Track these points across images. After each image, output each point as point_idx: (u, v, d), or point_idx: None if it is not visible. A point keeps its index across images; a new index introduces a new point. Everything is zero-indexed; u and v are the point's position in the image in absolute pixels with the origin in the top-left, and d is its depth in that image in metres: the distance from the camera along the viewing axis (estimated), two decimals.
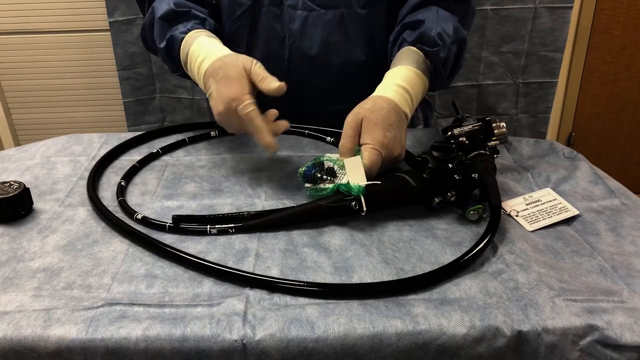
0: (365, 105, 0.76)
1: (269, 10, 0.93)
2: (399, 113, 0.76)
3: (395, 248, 0.65)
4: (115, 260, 0.64)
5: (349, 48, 0.94)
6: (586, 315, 0.54)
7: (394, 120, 0.74)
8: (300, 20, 0.92)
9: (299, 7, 0.92)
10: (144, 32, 0.94)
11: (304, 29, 0.93)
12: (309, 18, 0.92)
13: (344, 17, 0.92)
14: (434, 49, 0.81)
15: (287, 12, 0.92)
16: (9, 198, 0.70)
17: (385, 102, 0.76)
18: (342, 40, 0.94)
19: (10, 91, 1.77)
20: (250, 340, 0.52)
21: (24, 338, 0.53)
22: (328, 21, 0.92)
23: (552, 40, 1.52)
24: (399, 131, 0.74)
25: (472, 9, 0.91)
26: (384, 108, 0.75)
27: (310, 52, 0.94)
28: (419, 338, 0.52)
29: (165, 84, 1.62)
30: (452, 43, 0.83)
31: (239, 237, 0.68)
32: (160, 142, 0.93)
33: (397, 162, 0.76)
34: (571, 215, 0.71)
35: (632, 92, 2.02)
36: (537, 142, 0.92)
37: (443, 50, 0.82)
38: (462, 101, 1.60)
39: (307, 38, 0.93)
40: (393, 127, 0.73)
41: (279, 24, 0.93)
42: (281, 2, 0.92)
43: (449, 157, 0.70)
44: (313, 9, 0.92)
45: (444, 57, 0.82)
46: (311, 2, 0.91)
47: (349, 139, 0.74)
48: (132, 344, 0.52)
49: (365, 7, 0.92)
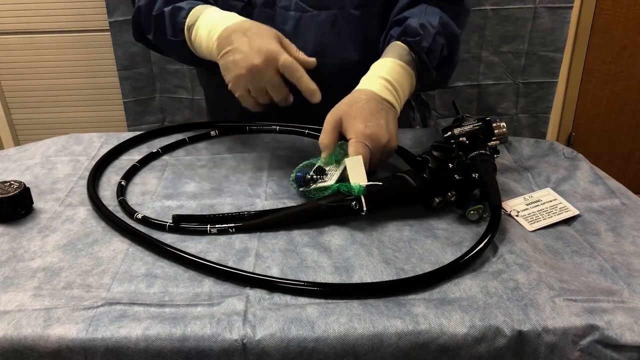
0: (344, 101, 0.77)
1: (261, 11, 0.92)
2: (379, 102, 0.76)
3: (396, 248, 0.65)
4: (115, 259, 0.64)
5: (343, 49, 0.94)
6: (586, 315, 0.54)
7: (375, 109, 0.74)
8: (293, 21, 0.92)
9: (291, 9, 0.91)
10: (137, 13, 0.92)
11: (297, 31, 0.92)
12: (302, 19, 0.91)
13: (338, 18, 0.91)
14: (416, 39, 0.82)
15: (280, 13, 0.92)
16: (9, 198, 0.70)
17: (364, 93, 0.76)
18: (335, 42, 0.93)
19: (10, 91, 1.77)
20: (251, 340, 0.52)
21: (24, 338, 0.53)
22: (321, 22, 0.91)
23: (552, 40, 1.52)
24: (382, 119, 0.74)
25: (465, 8, 0.91)
26: (361, 100, 0.75)
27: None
28: (419, 338, 0.52)
29: (165, 84, 1.62)
30: (437, 34, 0.83)
31: (239, 237, 0.68)
32: (160, 142, 0.93)
33: (390, 150, 0.76)
34: (571, 215, 0.71)
35: (632, 92, 2.02)
36: (537, 142, 0.92)
37: (426, 40, 0.81)
38: (462, 101, 1.60)
39: (300, 39, 0.92)
40: (374, 116, 0.73)
41: (272, 26, 0.92)
42: (274, 4, 0.92)
43: (449, 157, 0.70)
44: (306, 10, 0.91)
45: (427, 46, 0.81)
46: (304, 4, 0.91)
47: (327, 135, 0.75)
48: (132, 344, 0.52)
49: (358, 8, 0.91)
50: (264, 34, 0.77)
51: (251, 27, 0.79)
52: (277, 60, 0.75)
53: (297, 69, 0.75)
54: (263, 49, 0.75)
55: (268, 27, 0.80)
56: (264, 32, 0.78)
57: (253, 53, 0.75)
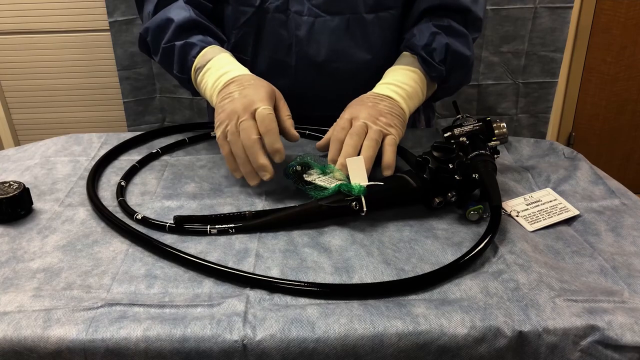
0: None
1: (274, 17, 0.92)
2: (366, 96, 0.83)
3: (396, 248, 0.65)
4: (115, 260, 0.64)
5: (356, 53, 0.94)
6: (587, 315, 0.54)
7: (366, 99, 0.82)
8: (307, 26, 0.92)
9: (304, 13, 0.91)
10: (145, 32, 0.91)
11: (310, 35, 0.92)
12: (315, 24, 0.91)
13: (350, 23, 0.92)
14: (411, 40, 0.88)
15: (293, 18, 0.92)
16: (9, 198, 0.70)
17: (352, 102, 0.84)
18: (349, 46, 0.93)
19: (10, 91, 1.77)
20: (251, 341, 0.52)
21: (24, 338, 0.53)
22: (334, 27, 0.92)
23: (552, 40, 1.52)
24: (373, 108, 0.80)
25: (473, 15, 0.91)
26: (358, 98, 0.84)
27: (317, 59, 0.93)
28: (419, 338, 0.52)
29: (165, 84, 1.62)
30: (435, 34, 0.86)
31: (239, 238, 0.68)
32: (160, 142, 0.93)
33: (382, 130, 0.77)
34: (571, 216, 0.71)
35: (632, 92, 2.02)
36: (537, 142, 0.92)
37: (420, 38, 0.86)
38: (462, 101, 1.60)
39: (313, 44, 0.93)
40: (364, 103, 0.81)
41: (285, 31, 0.93)
42: (287, 9, 0.92)
43: (450, 158, 0.70)
44: (319, 15, 0.91)
45: (422, 44, 0.86)
46: (317, 8, 0.91)
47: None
48: (132, 345, 0.52)
49: (371, 13, 0.92)
50: (258, 87, 0.77)
51: (252, 79, 0.79)
52: (255, 108, 0.73)
53: (269, 123, 0.72)
54: (248, 97, 0.74)
55: (268, 83, 0.79)
56: (260, 85, 0.77)
57: (239, 99, 0.75)
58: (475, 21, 0.92)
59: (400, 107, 0.82)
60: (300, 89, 0.96)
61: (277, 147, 0.72)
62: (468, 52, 0.89)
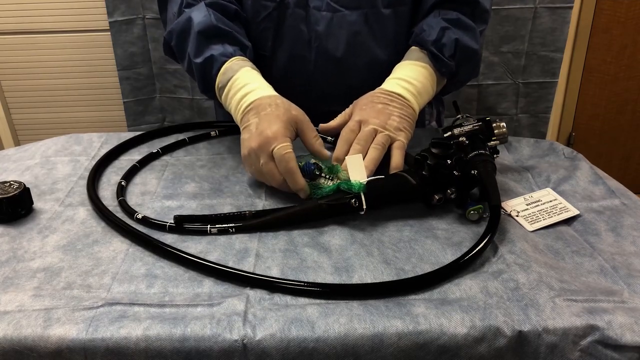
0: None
1: (294, 12, 0.92)
2: (377, 95, 0.83)
3: (396, 248, 0.65)
4: (115, 260, 0.64)
5: (374, 48, 0.95)
6: (587, 315, 0.54)
7: (375, 98, 0.82)
8: (325, 21, 0.92)
9: (323, 9, 0.92)
10: (170, 36, 0.89)
11: (329, 30, 0.93)
12: (334, 19, 0.92)
13: (369, 18, 0.92)
14: (420, 35, 0.88)
15: (312, 13, 0.92)
16: (9, 198, 0.70)
17: (363, 101, 0.84)
18: (367, 41, 0.94)
19: (10, 91, 1.77)
20: (251, 340, 0.52)
21: (24, 338, 0.53)
22: (353, 22, 0.92)
23: (552, 40, 1.52)
24: (383, 112, 0.80)
25: (480, 8, 0.91)
26: (364, 97, 0.84)
27: (335, 53, 0.94)
28: (419, 338, 0.52)
29: (165, 84, 1.62)
30: (445, 29, 0.87)
31: (239, 237, 0.68)
32: (160, 142, 0.93)
33: (390, 135, 0.78)
34: (571, 215, 0.71)
35: (632, 92, 2.02)
36: (537, 142, 0.92)
37: (430, 34, 0.86)
38: (462, 101, 1.60)
39: (332, 39, 0.93)
40: (372, 103, 0.81)
41: (305, 26, 0.93)
42: (306, 4, 0.92)
43: (448, 154, 0.70)
44: (337, 10, 0.92)
45: (432, 40, 0.86)
46: (335, 3, 0.91)
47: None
48: (132, 344, 0.52)
49: (389, 7, 0.92)
50: (273, 118, 0.74)
51: (269, 105, 0.76)
52: (271, 148, 0.72)
53: (285, 165, 0.71)
54: (264, 133, 0.73)
55: (290, 105, 0.77)
56: (275, 115, 0.75)
57: (255, 135, 0.73)
58: (482, 13, 0.92)
59: (411, 107, 0.83)
60: (318, 83, 0.96)
61: (299, 187, 0.72)
62: (476, 45, 0.89)
